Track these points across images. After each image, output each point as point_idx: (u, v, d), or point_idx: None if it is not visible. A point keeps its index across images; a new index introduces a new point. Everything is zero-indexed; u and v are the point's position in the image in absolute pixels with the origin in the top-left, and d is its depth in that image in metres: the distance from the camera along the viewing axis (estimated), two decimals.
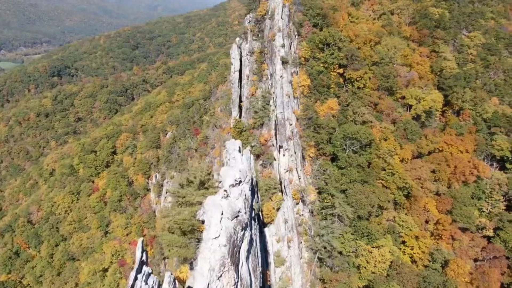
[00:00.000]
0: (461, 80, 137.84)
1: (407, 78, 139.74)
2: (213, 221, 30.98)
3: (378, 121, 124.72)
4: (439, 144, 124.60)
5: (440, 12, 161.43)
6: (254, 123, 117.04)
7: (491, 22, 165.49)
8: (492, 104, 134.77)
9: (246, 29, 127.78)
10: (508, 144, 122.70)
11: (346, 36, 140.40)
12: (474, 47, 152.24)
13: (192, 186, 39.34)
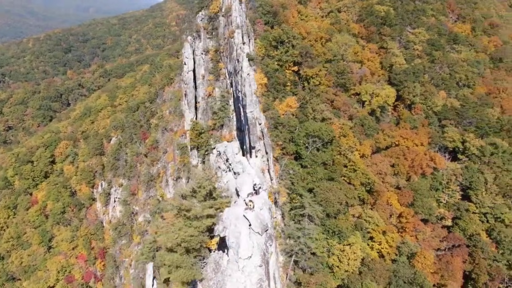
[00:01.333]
0: (411, 75, 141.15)
1: (359, 75, 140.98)
2: (243, 238, 26.89)
3: (336, 118, 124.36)
4: (395, 138, 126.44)
5: (385, 9, 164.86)
6: (213, 124, 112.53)
7: (432, 19, 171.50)
8: (440, 98, 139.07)
9: (198, 27, 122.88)
10: (459, 136, 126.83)
11: (298, 33, 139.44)
12: (419, 43, 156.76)
13: (197, 197, 34.77)
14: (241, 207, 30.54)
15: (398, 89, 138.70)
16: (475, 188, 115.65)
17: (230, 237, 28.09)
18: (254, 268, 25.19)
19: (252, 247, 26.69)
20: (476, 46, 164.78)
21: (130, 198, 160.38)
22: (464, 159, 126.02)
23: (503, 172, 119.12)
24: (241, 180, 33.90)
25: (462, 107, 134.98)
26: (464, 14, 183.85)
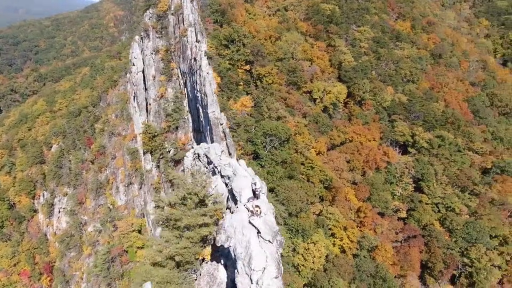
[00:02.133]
0: (359, 72, 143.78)
1: (310, 72, 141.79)
2: (254, 248, 24.45)
3: (291, 116, 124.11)
4: (349, 134, 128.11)
5: (331, 8, 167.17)
6: (168, 126, 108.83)
7: (375, 17, 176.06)
8: (389, 93, 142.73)
9: (147, 26, 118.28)
10: (408, 130, 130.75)
11: (248, 32, 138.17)
12: (365, 41, 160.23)
13: (187, 205, 31.79)
14: (243, 213, 28.08)
15: (348, 86, 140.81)
16: (427, 180, 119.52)
17: (237, 247, 25.57)
18: (271, 280, 22.93)
19: (266, 257, 24.39)
20: (417, 43, 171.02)
21: (78, 208, 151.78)
22: (414, 152, 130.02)
23: (450, 163, 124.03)
24: (239, 184, 31.28)
25: (409, 102, 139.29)
26: (404, 13, 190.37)
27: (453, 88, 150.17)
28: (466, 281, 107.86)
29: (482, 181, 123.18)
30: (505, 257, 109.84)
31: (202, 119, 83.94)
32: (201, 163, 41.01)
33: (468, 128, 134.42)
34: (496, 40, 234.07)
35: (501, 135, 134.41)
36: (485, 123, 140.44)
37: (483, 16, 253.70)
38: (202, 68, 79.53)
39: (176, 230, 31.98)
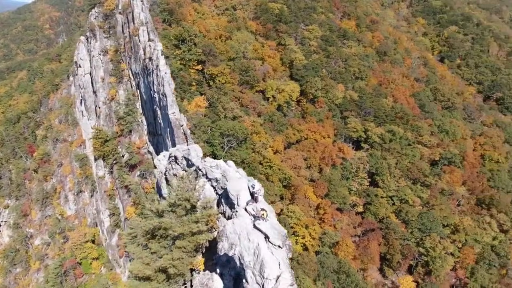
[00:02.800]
0: (311, 70, 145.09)
1: (262, 71, 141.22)
2: (266, 254, 22.65)
3: (247, 116, 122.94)
4: (304, 132, 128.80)
5: (279, 7, 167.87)
6: (120, 130, 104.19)
7: (322, 16, 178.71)
8: (340, 91, 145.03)
9: (93, 26, 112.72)
10: (360, 126, 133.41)
11: (199, 32, 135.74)
12: (314, 39, 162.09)
13: (177, 212, 29.32)
14: (245, 218, 26.27)
15: (300, 84, 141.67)
16: (381, 174, 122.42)
17: (245, 255, 23.76)
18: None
19: (278, 263, 22.76)
20: (363, 41, 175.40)
21: (22, 220, 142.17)
22: (367, 147, 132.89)
23: (402, 157, 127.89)
24: (235, 186, 29.38)
25: (360, 98, 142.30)
26: (348, 12, 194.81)
27: (400, 84, 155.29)
28: (422, 270, 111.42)
29: (432, 173, 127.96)
30: (457, 245, 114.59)
31: (161, 121, 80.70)
32: (179, 166, 38.60)
33: (416, 122, 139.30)
34: (433, 38, 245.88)
35: (447, 128, 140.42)
36: (431, 117, 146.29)
37: (419, 15, 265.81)
38: (159, 68, 76.38)
39: (164, 239, 29.58)
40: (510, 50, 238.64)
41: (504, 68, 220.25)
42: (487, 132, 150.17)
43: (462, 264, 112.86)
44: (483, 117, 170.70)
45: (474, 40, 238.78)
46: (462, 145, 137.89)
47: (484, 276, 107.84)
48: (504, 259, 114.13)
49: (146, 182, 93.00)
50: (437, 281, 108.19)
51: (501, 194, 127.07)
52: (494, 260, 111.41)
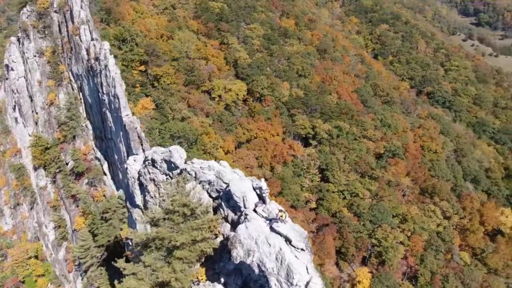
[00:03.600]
0: (256, 69, 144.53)
1: (207, 71, 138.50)
2: (291, 259, 20.80)
3: (195, 116, 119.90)
4: (253, 131, 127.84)
5: (219, 6, 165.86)
6: (63, 136, 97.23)
7: (262, 15, 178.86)
8: (285, 88, 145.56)
9: (25, 25, 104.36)
10: (308, 123, 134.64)
11: (140, 31, 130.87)
12: (256, 38, 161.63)
13: (174, 220, 26.48)
14: (259, 221, 24.25)
15: (247, 83, 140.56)
16: (331, 169, 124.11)
17: (266, 261, 21.78)
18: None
19: (306, 268, 21.11)
20: (303, 39, 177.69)
21: None
22: (315, 143, 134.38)
23: (350, 151, 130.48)
24: (240, 188, 27.15)
25: (305, 95, 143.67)
26: (287, 11, 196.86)
27: (342, 81, 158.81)
28: (376, 261, 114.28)
29: (378, 165, 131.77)
30: (406, 234, 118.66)
31: (112, 124, 75.88)
32: (157, 170, 35.69)
33: (360, 117, 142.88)
34: (366, 36, 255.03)
35: (389, 122, 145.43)
36: (373, 112, 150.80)
37: (352, 14, 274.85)
38: (109, 68, 71.64)
39: (157, 251, 26.71)
40: (436, 47, 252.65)
41: (432, 64, 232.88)
42: (425, 124, 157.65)
43: (412, 252, 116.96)
44: (419, 110, 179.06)
45: (404, 38, 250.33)
46: (404, 138, 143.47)
47: (433, 262, 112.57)
48: (449, 244, 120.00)
49: (96, 190, 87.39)
50: (391, 270, 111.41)
51: (441, 183, 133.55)
52: (440, 246, 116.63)
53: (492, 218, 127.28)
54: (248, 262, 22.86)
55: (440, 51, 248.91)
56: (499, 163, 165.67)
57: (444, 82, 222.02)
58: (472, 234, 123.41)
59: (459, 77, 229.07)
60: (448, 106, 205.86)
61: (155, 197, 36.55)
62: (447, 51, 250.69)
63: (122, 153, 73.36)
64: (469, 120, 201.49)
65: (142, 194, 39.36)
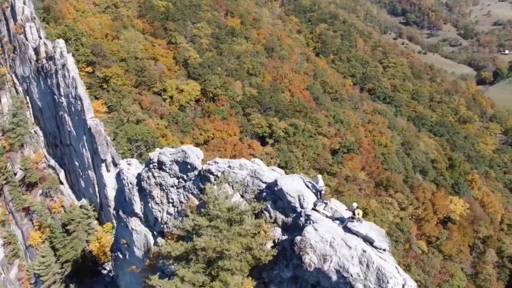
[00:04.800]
0: (207, 68, 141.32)
1: (158, 71, 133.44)
2: (378, 261, 18.73)
3: (150, 118, 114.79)
4: (210, 131, 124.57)
5: (165, 4, 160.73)
6: (9, 144, 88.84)
7: (208, 13, 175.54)
8: (238, 88, 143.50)
9: None
10: (264, 121, 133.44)
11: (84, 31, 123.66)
12: (205, 37, 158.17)
13: (219, 227, 23.06)
14: (326, 222, 21.94)
15: (199, 82, 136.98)
16: (291, 167, 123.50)
17: (348, 266, 19.57)
18: None
19: (397, 269, 19.23)
20: (250, 38, 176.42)
21: None
22: (272, 142, 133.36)
23: (307, 148, 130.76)
24: (293, 186, 24.40)
25: (259, 94, 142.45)
26: (231, 10, 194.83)
27: (292, 79, 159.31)
28: None
29: (335, 161, 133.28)
30: None
31: (72, 129, 69.60)
32: (166, 173, 32.25)
33: (314, 115, 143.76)
34: (307, 35, 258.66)
35: (341, 118, 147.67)
36: (325, 109, 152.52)
37: (292, 13, 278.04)
38: (67, 68, 65.52)
39: (195, 264, 23.30)
40: (374, 45, 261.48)
41: (371, 61, 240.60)
42: (373, 119, 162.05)
43: None
44: (365, 106, 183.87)
45: (343, 37, 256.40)
46: (357, 133, 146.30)
47: (394, 253, 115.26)
48: (408, 234, 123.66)
49: (52, 201, 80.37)
50: None
51: (394, 175, 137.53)
52: (400, 237, 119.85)
53: (443, 206, 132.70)
54: (325, 268, 20.44)
55: (377, 49, 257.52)
56: (441, 154, 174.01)
57: (383, 78, 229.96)
58: (427, 223, 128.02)
59: (397, 73, 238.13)
60: (389, 102, 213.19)
61: (162, 204, 33.15)
62: (384, 49, 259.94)
63: (86, 159, 67.80)
64: (409, 114, 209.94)
65: (142, 201, 35.71)
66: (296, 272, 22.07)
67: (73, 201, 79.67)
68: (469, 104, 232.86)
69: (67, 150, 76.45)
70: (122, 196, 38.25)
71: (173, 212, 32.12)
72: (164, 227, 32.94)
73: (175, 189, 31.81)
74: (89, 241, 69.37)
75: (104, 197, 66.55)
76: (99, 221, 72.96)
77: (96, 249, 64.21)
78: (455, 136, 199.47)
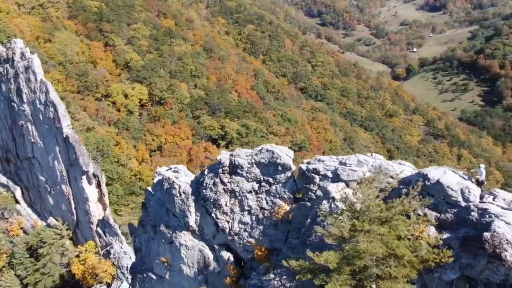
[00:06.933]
0: (150, 71, 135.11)
1: (99, 75, 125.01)
2: None
3: (100, 126, 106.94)
4: (163, 136, 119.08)
5: (97, 5, 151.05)
6: None
7: (142, 14, 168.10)
8: (185, 90, 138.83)
9: None
10: (216, 123, 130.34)
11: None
12: (143, 39, 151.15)
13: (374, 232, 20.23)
14: (511, 214, 20.17)
15: (145, 85, 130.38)
16: None
17: None
18: None
19: None
20: (188, 39, 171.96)
21: None
22: (225, 143, 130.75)
23: None
24: (453, 179, 22.23)
25: (207, 95, 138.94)
26: (163, 10, 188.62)
27: (237, 79, 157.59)
28: None
29: None
30: None
31: (37, 139, 61.48)
32: (242, 177, 29.05)
33: (263, 114, 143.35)
34: (236, 36, 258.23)
35: (289, 117, 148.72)
36: (272, 108, 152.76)
37: (218, 15, 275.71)
38: (33, 71, 57.64)
39: (340, 274, 20.57)
40: (301, 45, 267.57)
41: (300, 61, 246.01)
42: (318, 117, 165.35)
43: None
44: (304, 104, 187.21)
45: (271, 37, 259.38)
46: (305, 131, 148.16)
47: None
48: None
49: (8, 223, 70.95)
50: None
51: None
52: None
53: None
54: None
55: (305, 48, 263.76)
56: (377, 147, 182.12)
57: (313, 77, 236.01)
58: None
59: (325, 72, 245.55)
60: (321, 99, 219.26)
61: (232, 213, 29.83)
62: (311, 48, 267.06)
63: (59, 173, 60.57)
64: (340, 110, 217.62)
65: (198, 211, 31.99)
66: (465, 273, 20.34)
67: (36, 221, 71.07)
68: (393, 98, 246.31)
69: (26, 165, 67.89)
70: (162, 209, 34.21)
71: (249, 221, 28.97)
72: (236, 238, 29.65)
73: (254, 194, 28.74)
74: (66, 263, 62.15)
75: (84, 213, 59.84)
76: (73, 241, 65.73)
77: (80, 272, 57.46)
78: (384, 130, 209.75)
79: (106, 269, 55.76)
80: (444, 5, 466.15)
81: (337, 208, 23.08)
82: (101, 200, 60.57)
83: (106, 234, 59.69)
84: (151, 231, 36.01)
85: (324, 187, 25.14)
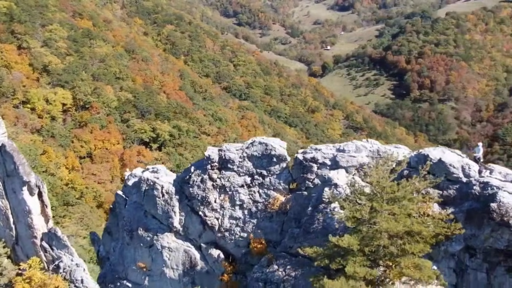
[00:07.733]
0: (72, 74, 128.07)
1: (16, 80, 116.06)
2: None
3: (22, 134, 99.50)
4: (92, 142, 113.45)
5: (6, 5, 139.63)
6: None
7: (57, 15, 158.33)
8: (110, 93, 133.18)
9: None
10: (148, 126, 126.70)
11: None
12: (61, 40, 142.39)
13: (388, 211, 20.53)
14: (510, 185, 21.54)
15: (68, 90, 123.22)
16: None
17: None
18: None
19: None
20: (108, 40, 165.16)
21: None
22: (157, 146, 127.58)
23: (196, 149, 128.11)
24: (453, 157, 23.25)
25: (135, 98, 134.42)
26: (79, 11, 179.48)
27: (163, 80, 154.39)
28: None
29: None
30: None
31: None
32: (234, 172, 28.43)
33: (193, 114, 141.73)
34: (155, 36, 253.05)
35: (220, 116, 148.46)
36: (202, 108, 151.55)
37: (135, 15, 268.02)
38: None
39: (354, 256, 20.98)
40: (222, 45, 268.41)
41: (222, 60, 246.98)
42: (247, 115, 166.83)
43: None
44: (231, 103, 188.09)
45: (191, 37, 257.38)
46: (236, 129, 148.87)
47: None
48: None
49: None
50: None
51: None
52: None
53: None
54: None
55: (226, 48, 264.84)
56: (303, 142, 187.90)
57: (236, 76, 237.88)
58: None
59: (248, 71, 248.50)
60: (245, 98, 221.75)
61: (222, 209, 29.32)
62: (232, 48, 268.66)
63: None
64: (265, 108, 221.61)
65: (182, 211, 31.02)
66: (468, 243, 21.80)
67: None
68: (314, 95, 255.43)
69: None
70: (139, 212, 32.74)
71: (241, 216, 28.63)
72: (226, 234, 29.16)
73: (246, 188, 28.41)
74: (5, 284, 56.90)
75: (25, 227, 54.96)
76: (11, 259, 60.35)
77: None
78: (307, 125, 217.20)
79: (58, 284, 51.67)
80: (352, 5, 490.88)
81: (340, 194, 23.61)
82: (43, 212, 56.17)
83: (53, 248, 55.34)
84: (126, 237, 34.29)
85: (322, 175, 25.62)
